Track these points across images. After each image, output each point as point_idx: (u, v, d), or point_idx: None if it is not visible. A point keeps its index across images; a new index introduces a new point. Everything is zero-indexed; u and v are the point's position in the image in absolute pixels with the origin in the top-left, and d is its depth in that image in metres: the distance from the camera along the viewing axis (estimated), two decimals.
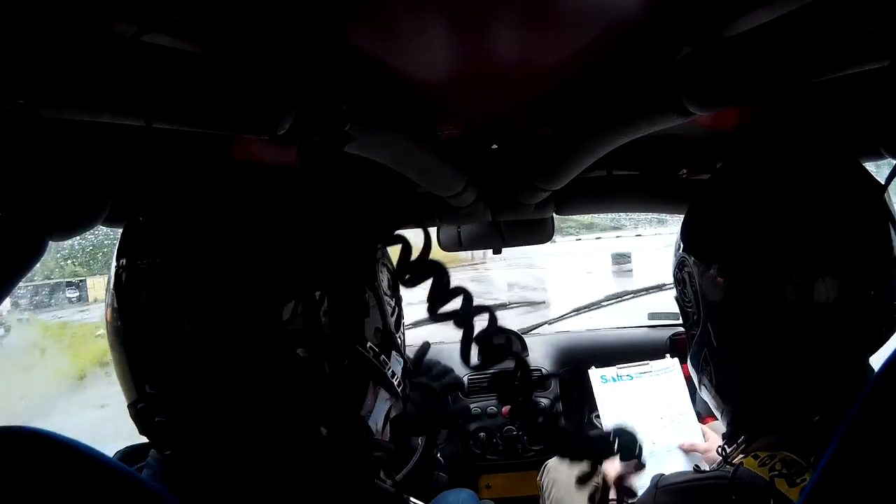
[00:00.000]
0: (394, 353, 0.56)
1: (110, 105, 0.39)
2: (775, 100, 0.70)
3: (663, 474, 0.61)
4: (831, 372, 0.56)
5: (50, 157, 0.49)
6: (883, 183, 0.54)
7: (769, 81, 0.47)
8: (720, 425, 0.69)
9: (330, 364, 0.49)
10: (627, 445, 0.57)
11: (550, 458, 1.27)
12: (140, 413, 0.47)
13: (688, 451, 0.97)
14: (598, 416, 1.10)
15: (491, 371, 1.78)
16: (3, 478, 0.30)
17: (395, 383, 0.57)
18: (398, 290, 0.61)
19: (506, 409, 1.49)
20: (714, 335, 0.62)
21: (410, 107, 0.66)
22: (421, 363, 0.85)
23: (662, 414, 1.04)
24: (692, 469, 0.64)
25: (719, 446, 0.65)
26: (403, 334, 0.62)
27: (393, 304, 0.58)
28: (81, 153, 0.53)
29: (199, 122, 0.46)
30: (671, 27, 0.52)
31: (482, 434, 1.47)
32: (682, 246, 0.66)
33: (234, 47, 0.49)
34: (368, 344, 0.52)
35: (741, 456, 0.57)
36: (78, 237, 0.54)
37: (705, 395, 0.67)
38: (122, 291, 0.47)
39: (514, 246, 1.27)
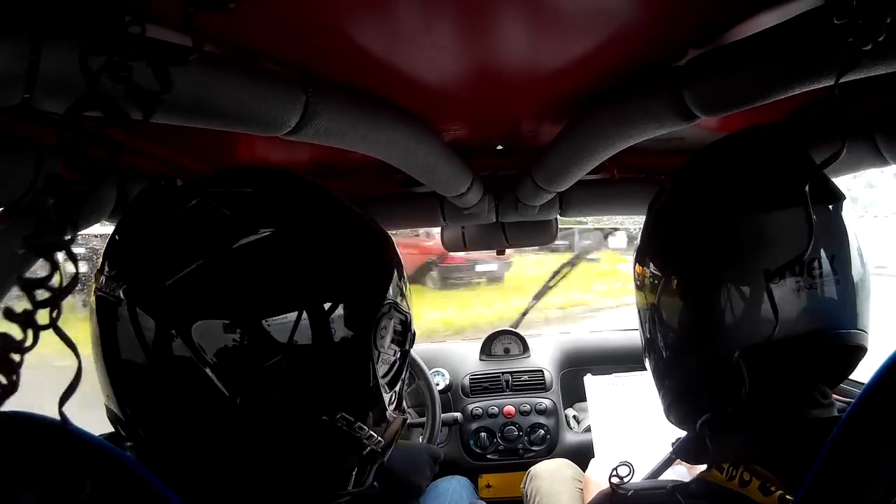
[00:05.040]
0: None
1: (119, 100, 0.39)
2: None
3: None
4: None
5: (50, 153, 0.49)
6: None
7: (774, 86, 0.47)
8: None
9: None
10: None
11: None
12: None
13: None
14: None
15: (492, 372, 1.76)
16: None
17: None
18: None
19: (507, 409, 1.49)
20: (643, 335, 0.64)
21: (417, 107, 0.66)
22: None
23: (655, 425, 1.02)
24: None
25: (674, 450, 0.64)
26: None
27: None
28: (84, 147, 0.53)
29: (209, 119, 0.47)
30: (677, 30, 0.51)
31: (483, 434, 1.48)
32: None
33: (244, 46, 0.49)
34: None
35: (704, 467, 0.56)
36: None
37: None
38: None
39: (518, 247, 1.27)
